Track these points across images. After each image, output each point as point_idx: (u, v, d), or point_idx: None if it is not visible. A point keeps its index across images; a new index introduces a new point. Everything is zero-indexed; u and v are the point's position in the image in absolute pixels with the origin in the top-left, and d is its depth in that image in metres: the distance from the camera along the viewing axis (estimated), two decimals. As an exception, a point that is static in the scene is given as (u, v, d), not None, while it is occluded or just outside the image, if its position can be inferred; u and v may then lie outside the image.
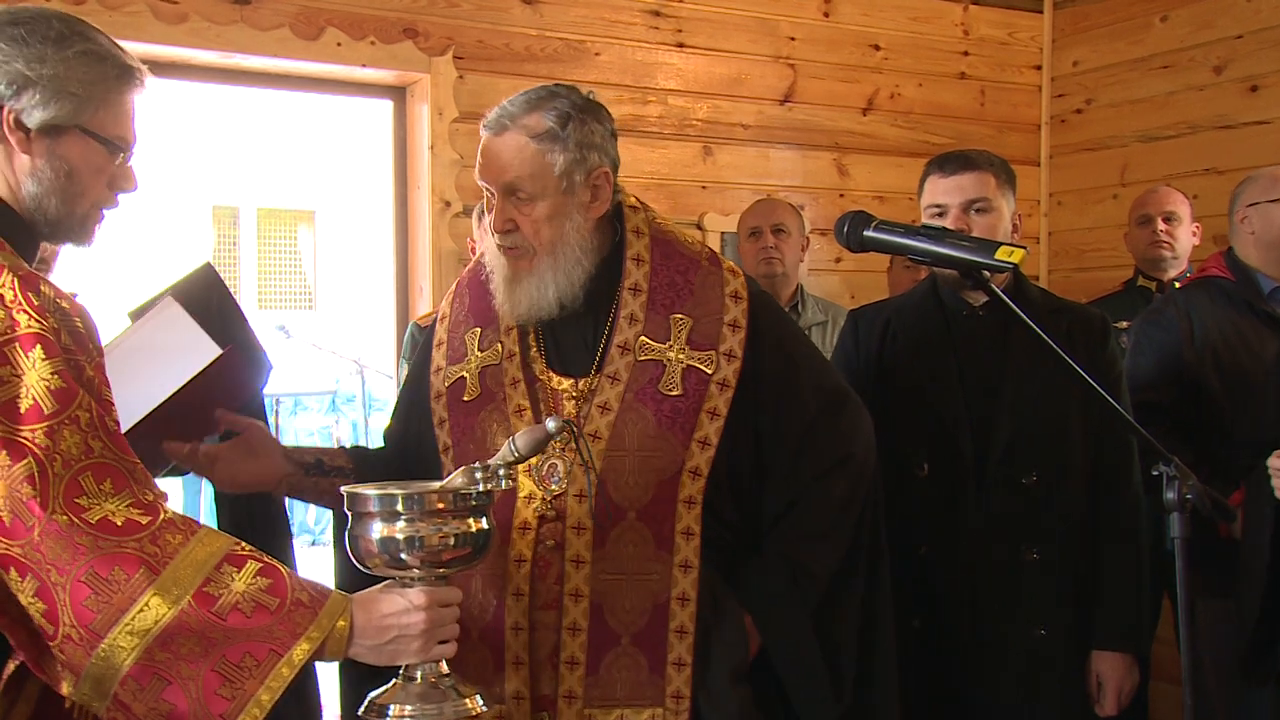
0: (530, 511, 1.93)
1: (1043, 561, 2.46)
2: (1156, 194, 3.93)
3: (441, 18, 3.93)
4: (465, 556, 1.66)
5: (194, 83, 3.83)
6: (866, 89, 4.69)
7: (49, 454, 1.44)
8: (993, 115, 4.93)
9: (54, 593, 1.43)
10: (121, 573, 1.44)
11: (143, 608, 1.44)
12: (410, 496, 1.63)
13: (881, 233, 1.98)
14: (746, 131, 4.46)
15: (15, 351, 1.46)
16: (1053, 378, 2.45)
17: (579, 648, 1.91)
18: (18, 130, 1.59)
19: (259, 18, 3.65)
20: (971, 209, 2.50)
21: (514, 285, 1.99)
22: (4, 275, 1.50)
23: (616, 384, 1.97)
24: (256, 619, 1.48)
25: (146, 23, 3.48)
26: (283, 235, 15.01)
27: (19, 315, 1.48)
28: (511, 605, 1.92)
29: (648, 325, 2.01)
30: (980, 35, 4.90)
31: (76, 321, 1.54)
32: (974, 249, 1.91)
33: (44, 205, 1.62)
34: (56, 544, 1.43)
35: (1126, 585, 2.49)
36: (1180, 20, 4.54)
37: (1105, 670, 2.48)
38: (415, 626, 1.58)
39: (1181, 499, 1.83)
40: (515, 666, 1.92)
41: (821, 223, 4.29)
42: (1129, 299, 3.95)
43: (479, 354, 2.05)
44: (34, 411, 1.45)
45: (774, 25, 4.50)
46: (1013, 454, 2.47)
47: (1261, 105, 4.29)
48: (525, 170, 1.95)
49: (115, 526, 1.45)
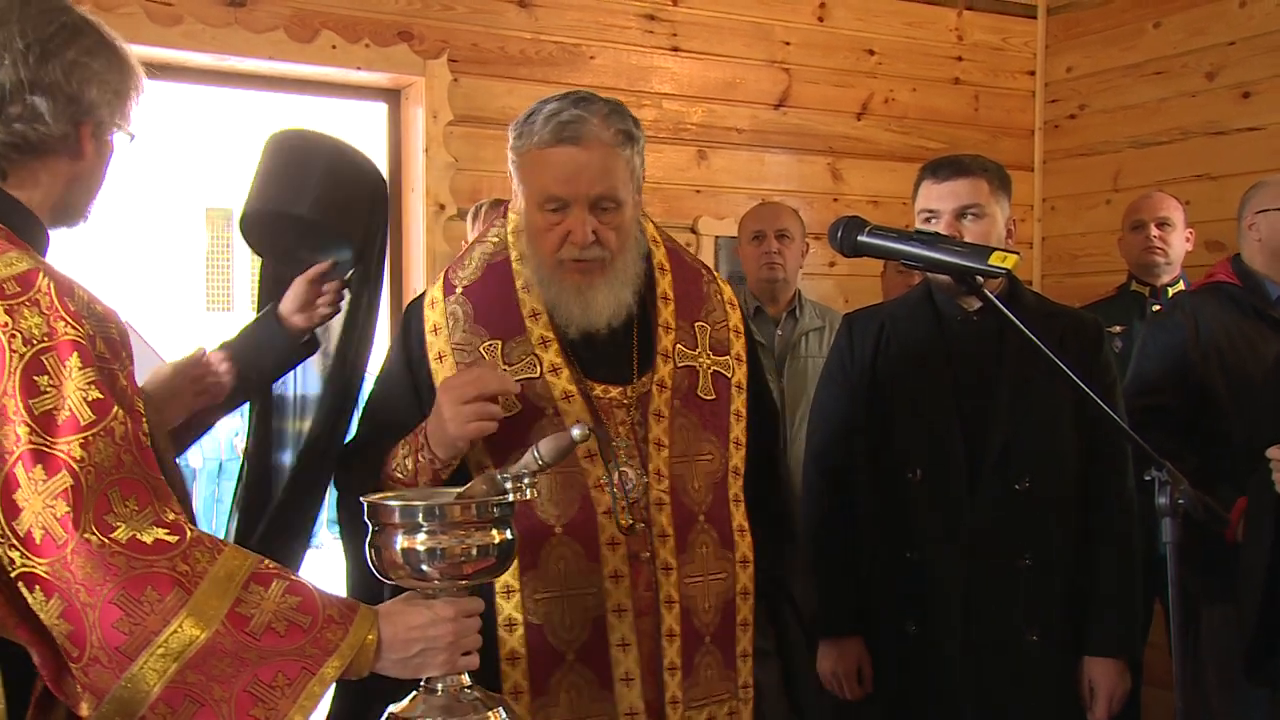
0: (619, 558, 1.92)
1: (1035, 567, 2.46)
2: (1150, 199, 3.94)
3: (436, 21, 3.93)
4: (490, 568, 1.63)
5: (188, 85, 3.82)
6: (861, 94, 4.70)
7: (84, 467, 1.39)
8: (986, 120, 4.94)
9: (83, 614, 1.38)
10: (154, 593, 1.39)
11: (176, 630, 1.39)
12: (433, 508, 1.59)
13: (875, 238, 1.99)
14: (741, 136, 4.47)
15: (54, 360, 1.42)
16: (1046, 383, 2.45)
17: (676, 653, 1.92)
18: (94, 140, 1.58)
19: (253, 20, 3.65)
20: (964, 215, 2.50)
21: (588, 294, 1.95)
22: (41, 280, 1.45)
23: (664, 390, 1.99)
24: (291, 638, 1.45)
25: (141, 25, 3.48)
26: (276, 237, 14.96)
27: (57, 322, 1.44)
28: (615, 622, 1.91)
29: (679, 333, 2.05)
30: (974, 41, 4.92)
31: (111, 328, 1.50)
32: (967, 254, 1.91)
33: (79, 205, 1.62)
34: (88, 563, 1.37)
35: (1119, 591, 2.49)
36: (1173, 26, 4.56)
37: (1097, 676, 2.47)
38: (442, 639, 1.56)
39: (1173, 504, 1.83)
40: (626, 683, 1.91)
41: (816, 227, 4.29)
42: (1122, 304, 3.96)
43: (506, 368, 1.97)
44: (70, 423, 1.40)
45: (769, 30, 4.51)
46: (1006, 459, 2.47)
47: (1253, 111, 4.31)
48: (616, 180, 1.93)
49: (145, 545, 1.41)
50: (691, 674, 1.94)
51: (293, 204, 2.06)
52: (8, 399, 1.39)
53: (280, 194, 2.08)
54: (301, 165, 2.08)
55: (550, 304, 1.98)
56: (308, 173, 2.06)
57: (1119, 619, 2.49)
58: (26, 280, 1.44)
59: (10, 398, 1.39)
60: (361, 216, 2.10)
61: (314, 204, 2.05)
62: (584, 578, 1.90)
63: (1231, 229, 3.27)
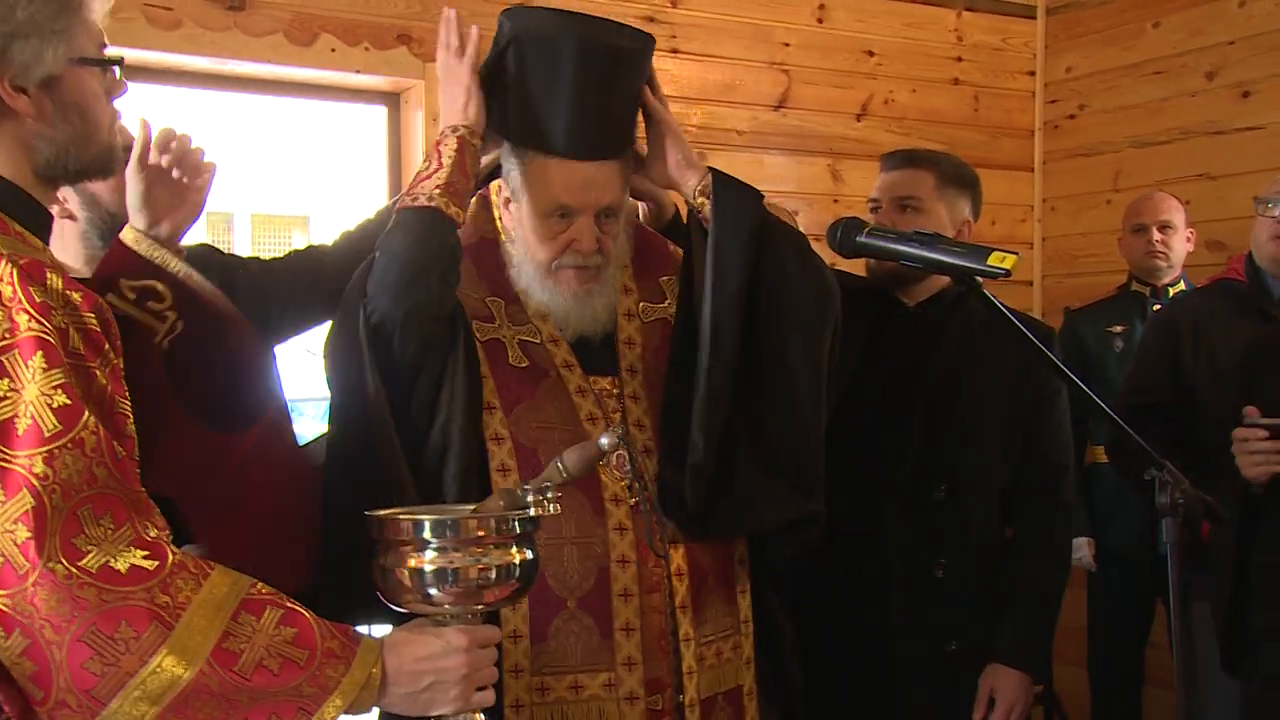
0: (622, 513, 1.92)
1: (950, 576, 2.40)
2: (1151, 201, 3.94)
3: (436, 24, 3.88)
4: (513, 592, 1.50)
5: (187, 89, 3.82)
6: (860, 95, 4.69)
7: (47, 485, 1.23)
8: (986, 121, 4.94)
9: (47, 652, 1.22)
10: (130, 630, 1.23)
11: (155, 669, 1.23)
12: (454, 522, 1.45)
13: (874, 238, 1.99)
14: (741, 137, 4.46)
15: (15, 361, 1.25)
16: (972, 388, 2.41)
17: (686, 592, 1.93)
18: (18, 95, 1.37)
19: (253, 24, 3.65)
20: (903, 207, 2.46)
21: (586, 300, 1.98)
22: (5, 268, 1.28)
23: (634, 347, 2.02)
24: (285, 676, 1.29)
25: (140, 28, 3.48)
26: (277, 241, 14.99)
27: (19, 315, 1.26)
28: (618, 572, 1.90)
29: (641, 292, 2.06)
30: (974, 41, 4.91)
31: (89, 318, 1.32)
32: (966, 255, 1.91)
33: (63, 161, 1.42)
34: (52, 596, 1.21)
35: (1035, 604, 2.42)
36: (1172, 26, 4.55)
37: (1000, 685, 2.39)
38: (454, 671, 1.41)
39: (1174, 503, 1.83)
40: (626, 633, 1.90)
41: (815, 229, 4.27)
42: (1122, 304, 3.96)
43: (511, 326, 1.98)
44: (33, 434, 1.24)
45: (768, 31, 4.51)
46: (923, 466, 2.41)
47: (1253, 110, 4.30)
48: (621, 190, 1.98)
49: (119, 575, 1.24)
50: (700, 611, 1.95)
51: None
52: None
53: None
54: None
55: (546, 304, 1.99)
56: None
57: (1028, 632, 2.42)
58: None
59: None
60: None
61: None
62: (589, 529, 1.90)
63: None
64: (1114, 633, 3.90)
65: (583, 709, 1.88)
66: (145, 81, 3.64)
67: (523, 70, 1.94)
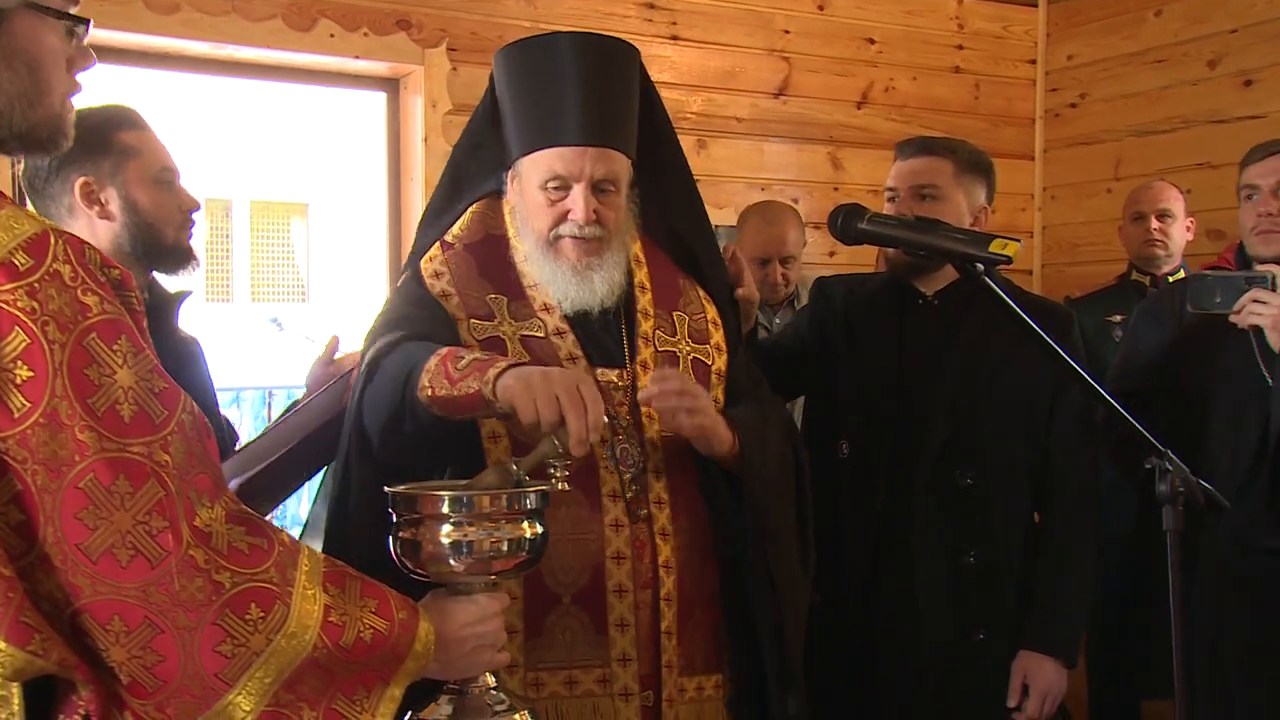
0: (619, 509, 1.93)
1: (981, 564, 2.40)
2: (1151, 190, 3.93)
3: (435, 9, 3.91)
4: (521, 563, 1.56)
5: (186, 74, 3.81)
6: (861, 82, 4.68)
7: (171, 473, 1.20)
8: (987, 109, 4.93)
9: (177, 639, 1.19)
10: (258, 610, 1.23)
11: (276, 649, 1.23)
12: (485, 497, 1.51)
13: (875, 226, 1.99)
14: (741, 125, 4.45)
15: (97, 345, 1.18)
16: (997, 375, 2.41)
17: (674, 619, 1.93)
18: None
19: (251, 9, 3.64)
20: (922, 195, 2.45)
21: (587, 274, 1.97)
22: (55, 244, 1.18)
23: (648, 372, 2.01)
24: (375, 645, 1.31)
25: (138, 13, 3.47)
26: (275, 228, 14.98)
27: (87, 297, 1.19)
28: (613, 569, 1.91)
29: (657, 320, 2.07)
30: (975, 29, 4.90)
31: (132, 296, 1.27)
32: (967, 241, 1.90)
33: (7, 116, 1.27)
34: (190, 583, 1.20)
35: (1066, 590, 2.42)
36: (1174, 14, 4.54)
37: (1033, 672, 2.39)
38: (493, 635, 1.47)
39: (1174, 491, 1.82)
40: (620, 629, 1.90)
41: (815, 216, 4.28)
42: (1122, 293, 3.95)
43: (513, 322, 1.98)
44: (143, 421, 1.20)
45: (769, 18, 4.49)
46: (949, 454, 2.41)
47: (1255, 99, 4.29)
48: (617, 163, 1.98)
49: (243, 555, 1.24)
50: (684, 641, 1.94)
51: None
52: (59, 401, 1.16)
53: None
54: None
55: (546, 280, 1.99)
56: None
57: (1060, 618, 2.42)
58: (38, 247, 1.19)
59: (62, 399, 1.17)
60: None
61: None
62: (585, 524, 1.90)
63: (1232, 218, 3.26)
64: (1106, 621, 3.88)
65: (577, 705, 1.88)
66: (144, 66, 3.63)
67: (523, 80, 1.99)
